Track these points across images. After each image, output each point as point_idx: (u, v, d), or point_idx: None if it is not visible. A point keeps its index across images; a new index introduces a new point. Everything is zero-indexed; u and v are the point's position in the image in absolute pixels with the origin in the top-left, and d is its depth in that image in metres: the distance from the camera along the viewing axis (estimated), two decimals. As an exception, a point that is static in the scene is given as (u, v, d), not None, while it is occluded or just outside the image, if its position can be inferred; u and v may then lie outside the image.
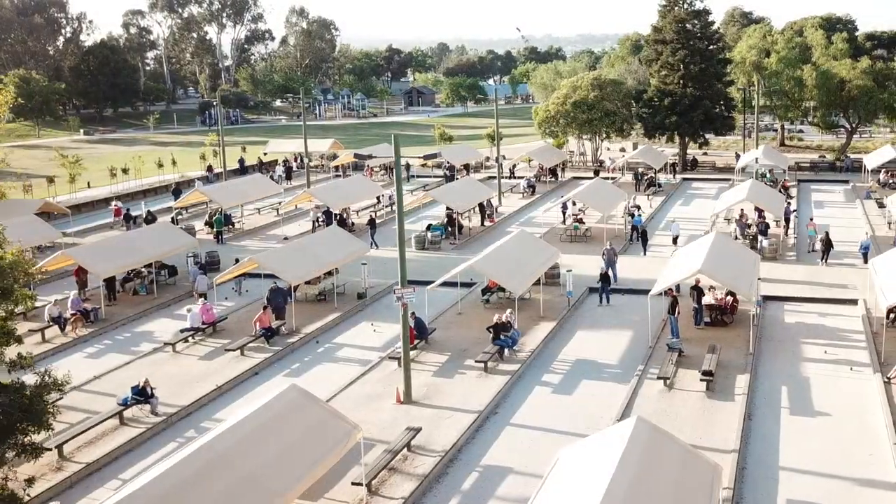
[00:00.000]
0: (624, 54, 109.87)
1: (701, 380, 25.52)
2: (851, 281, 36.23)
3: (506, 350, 28.48)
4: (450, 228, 46.70)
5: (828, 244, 39.25)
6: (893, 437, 22.08)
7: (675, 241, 42.31)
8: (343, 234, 38.78)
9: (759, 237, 41.94)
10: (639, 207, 50.46)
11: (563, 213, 49.68)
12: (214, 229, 47.58)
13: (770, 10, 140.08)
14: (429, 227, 46.27)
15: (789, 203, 47.78)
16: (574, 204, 49.09)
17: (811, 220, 45.09)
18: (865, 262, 37.33)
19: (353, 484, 19.74)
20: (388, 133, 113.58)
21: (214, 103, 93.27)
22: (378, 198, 55.07)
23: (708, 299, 31.49)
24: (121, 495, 14.61)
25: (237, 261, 35.59)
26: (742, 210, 45.47)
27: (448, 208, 48.27)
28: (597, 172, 69.05)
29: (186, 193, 54.44)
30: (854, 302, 33.70)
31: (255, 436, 17.42)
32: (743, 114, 78.05)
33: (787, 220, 45.18)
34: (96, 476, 21.39)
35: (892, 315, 30.36)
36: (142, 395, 24.48)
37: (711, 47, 73.12)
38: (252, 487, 16.37)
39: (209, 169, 70.11)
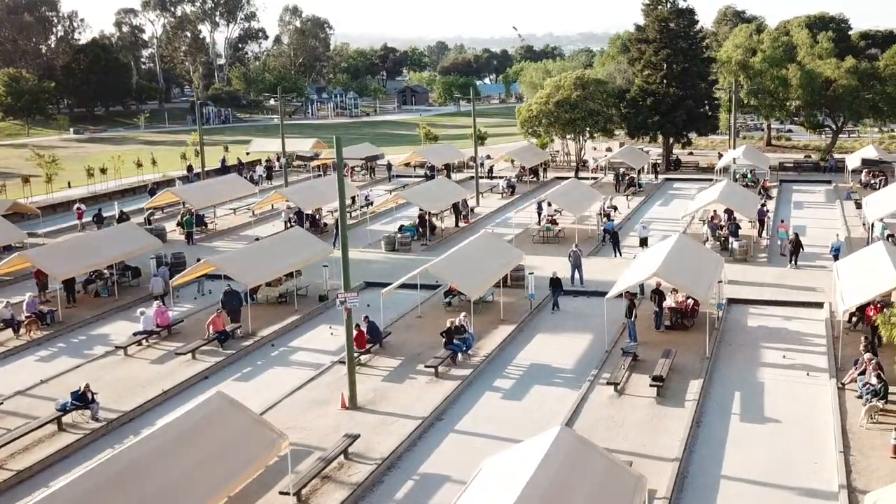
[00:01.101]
0: (614, 53, 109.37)
1: (651, 385, 25.10)
2: (820, 283, 35.80)
3: (459, 355, 28.07)
4: (420, 230, 46.26)
5: (797, 246, 38.82)
6: (840, 444, 21.68)
7: (643, 242, 41.67)
8: (306, 235, 38.36)
9: (730, 238, 41.48)
10: (615, 208, 50.04)
11: (539, 214, 49.22)
12: (185, 230, 47.25)
13: (764, 10, 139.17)
14: (400, 228, 45.89)
15: (764, 204, 47.26)
16: (549, 205, 48.63)
17: (783, 221, 44.62)
18: (837, 263, 36.88)
19: (280, 493, 19.36)
20: (378, 132, 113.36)
21: (205, 103, 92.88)
22: (353, 198, 54.61)
23: (669, 302, 31.09)
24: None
25: (199, 261, 35.22)
26: (714, 211, 45.05)
27: (420, 209, 47.83)
28: (576, 172, 68.60)
29: (159, 194, 54.07)
30: (820, 305, 33.28)
31: (172, 445, 17.05)
32: (729, 113, 77.44)
33: (762, 222, 44.69)
34: (27, 484, 20.97)
35: (853, 319, 29.96)
36: (82, 400, 24.09)
37: (696, 46, 72.66)
38: (165, 499, 16.01)
39: (189, 169, 69.75)
